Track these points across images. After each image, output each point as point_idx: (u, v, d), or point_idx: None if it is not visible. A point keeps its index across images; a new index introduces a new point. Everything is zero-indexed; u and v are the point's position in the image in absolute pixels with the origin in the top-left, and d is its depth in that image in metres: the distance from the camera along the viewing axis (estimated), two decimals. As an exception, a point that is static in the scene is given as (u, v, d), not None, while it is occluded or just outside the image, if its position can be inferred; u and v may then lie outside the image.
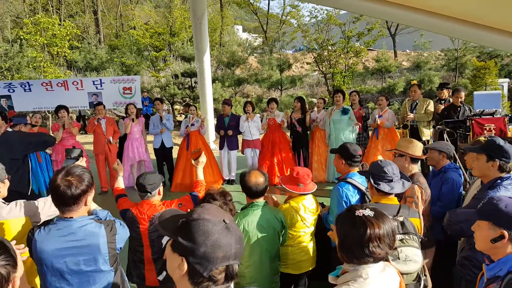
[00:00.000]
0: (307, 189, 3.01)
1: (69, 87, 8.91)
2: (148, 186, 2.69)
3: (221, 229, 1.10)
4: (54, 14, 24.15)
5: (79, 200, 1.90)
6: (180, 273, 1.10)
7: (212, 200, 2.34)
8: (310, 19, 18.75)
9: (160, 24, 24.92)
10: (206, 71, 10.52)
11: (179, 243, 1.11)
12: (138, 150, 7.30)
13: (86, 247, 1.93)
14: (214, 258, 1.07)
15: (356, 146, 3.18)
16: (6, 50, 17.86)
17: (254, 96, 19.25)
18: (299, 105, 7.38)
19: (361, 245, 1.50)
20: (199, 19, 9.66)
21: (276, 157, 7.35)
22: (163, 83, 18.55)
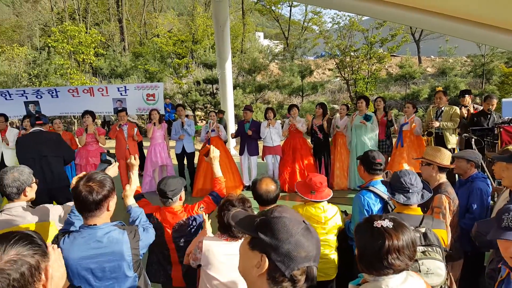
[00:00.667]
0: (321, 197, 2.96)
1: (94, 93, 9.10)
2: (169, 192, 2.69)
3: (303, 228, 1.08)
4: (80, 22, 24.86)
5: (101, 205, 1.92)
6: (258, 272, 1.07)
7: (231, 206, 2.32)
8: (333, 25, 18.69)
9: (183, 31, 25.34)
10: (228, 77, 10.56)
11: (260, 240, 1.08)
12: (160, 155, 7.39)
13: (110, 254, 1.95)
14: (297, 257, 1.04)
15: (376, 153, 3.11)
16: (34, 58, 18.48)
17: (275, 102, 19.23)
18: (321, 111, 7.32)
19: (380, 257, 1.46)
20: (221, 26, 9.73)
21: (297, 163, 7.29)
22: (185, 90, 18.78)
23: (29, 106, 8.85)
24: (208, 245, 2.29)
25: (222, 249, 2.27)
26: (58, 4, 29.88)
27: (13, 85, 17.13)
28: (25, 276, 1.09)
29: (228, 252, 2.24)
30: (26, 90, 9.10)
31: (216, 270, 2.24)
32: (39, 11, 30.40)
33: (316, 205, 3.00)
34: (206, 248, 2.28)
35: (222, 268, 2.23)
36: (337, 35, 18.05)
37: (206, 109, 18.27)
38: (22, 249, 1.11)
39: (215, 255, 2.25)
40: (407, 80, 17.61)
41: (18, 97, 8.79)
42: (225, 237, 2.31)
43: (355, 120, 7.00)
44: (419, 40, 22.33)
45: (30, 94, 8.88)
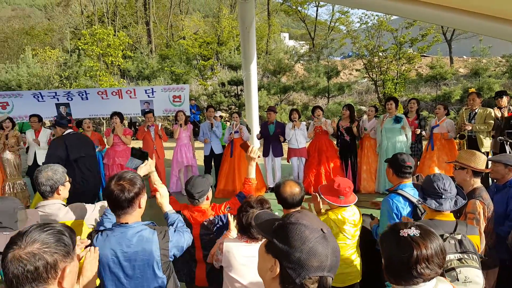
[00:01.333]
0: (348, 201, 2.93)
1: (123, 95, 9.29)
2: (196, 194, 2.72)
3: (319, 237, 1.06)
4: (109, 25, 25.50)
5: (132, 203, 1.99)
6: (271, 275, 1.09)
7: (250, 208, 2.31)
8: (360, 25, 18.34)
9: (208, 33, 25.59)
10: (253, 79, 10.52)
11: (274, 245, 1.09)
12: (186, 156, 7.45)
13: (141, 252, 2.00)
14: (308, 266, 1.03)
15: (406, 156, 3.03)
16: (65, 60, 19.05)
17: (300, 103, 19.06)
18: (348, 113, 7.15)
19: (408, 268, 1.40)
20: (247, 27, 9.69)
21: (323, 166, 7.16)
22: (210, 91, 18.92)
23: (60, 108, 9.08)
24: (229, 246, 2.29)
25: (242, 251, 2.26)
26: (88, 8, 30.82)
27: (45, 87, 17.70)
28: (39, 271, 1.15)
29: (248, 254, 2.23)
30: (57, 92, 9.36)
31: (238, 272, 2.24)
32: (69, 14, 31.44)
33: (345, 209, 2.96)
34: (227, 249, 2.28)
35: (243, 270, 2.23)
36: (365, 35, 17.72)
37: (230, 110, 18.33)
38: (46, 245, 1.18)
39: (235, 257, 2.25)
40: (438, 81, 17.09)
41: (50, 99, 9.05)
42: (245, 238, 2.30)
43: (385, 123, 6.79)
44: (451, 40, 21.65)
45: (61, 96, 9.12)
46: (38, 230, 1.20)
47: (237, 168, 7.23)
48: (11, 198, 2.07)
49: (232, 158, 7.30)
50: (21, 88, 17.46)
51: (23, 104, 8.82)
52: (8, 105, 8.86)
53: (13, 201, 2.04)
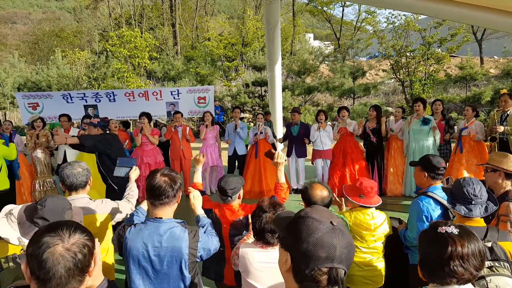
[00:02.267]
0: (370, 202, 2.88)
1: (149, 97, 9.45)
2: (229, 190, 2.74)
3: (327, 229, 1.06)
4: (136, 27, 26.00)
5: (174, 196, 2.10)
6: (285, 268, 1.12)
7: (262, 212, 2.29)
8: (387, 25, 18.03)
9: (233, 35, 25.70)
10: (277, 80, 10.51)
11: (285, 238, 1.14)
12: (211, 156, 7.49)
13: (170, 248, 2.04)
14: (316, 256, 1.03)
15: (439, 157, 2.99)
16: (94, 61, 19.53)
17: (324, 104, 18.91)
18: (375, 114, 7.01)
19: (442, 264, 1.40)
20: (272, 28, 9.68)
21: (347, 168, 7.05)
22: (234, 92, 19.01)
23: (88, 109, 9.30)
24: (244, 252, 2.28)
25: (258, 256, 2.24)
26: (115, 10, 31.51)
27: (74, 87, 18.22)
28: (86, 258, 1.20)
29: (264, 260, 2.21)
30: (86, 93, 9.60)
31: (255, 278, 2.22)
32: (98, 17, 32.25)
33: (365, 211, 2.91)
34: (242, 255, 2.27)
35: (260, 276, 2.21)
36: (391, 35, 17.43)
37: (254, 111, 18.36)
38: (81, 236, 1.22)
39: (251, 263, 2.23)
40: (468, 82, 16.62)
41: (78, 100, 9.28)
42: (260, 244, 2.28)
43: (413, 124, 6.64)
44: (482, 39, 20.99)
45: (90, 97, 9.34)
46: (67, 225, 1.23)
47: (263, 168, 7.22)
48: (62, 198, 2.11)
49: (257, 159, 7.29)
50: (51, 88, 18.02)
51: (53, 105, 9.09)
52: (38, 105, 9.15)
53: (63, 200, 2.07)
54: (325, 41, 32.98)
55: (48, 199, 1.99)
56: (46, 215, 1.93)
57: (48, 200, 1.98)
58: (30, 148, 6.69)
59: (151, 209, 2.13)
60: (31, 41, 35.50)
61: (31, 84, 18.70)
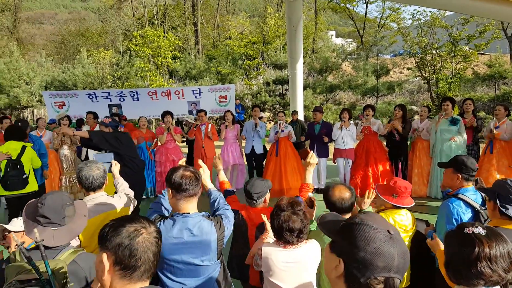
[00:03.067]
0: (402, 203, 2.83)
1: (171, 96, 9.56)
2: (255, 194, 2.76)
3: (385, 238, 1.03)
4: (159, 27, 26.27)
5: (198, 191, 2.16)
6: (336, 274, 1.09)
7: (280, 211, 2.26)
8: (412, 22, 17.63)
9: (254, 33, 25.68)
10: (298, 78, 10.43)
11: (338, 244, 1.11)
12: (232, 155, 7.50)
13: (199, 242, 2.10)
14: (373, 266, 1.01)
15: (472, 158, 2.89)
16: (118, 61, 19.86)
17: (346, 103, 18.65)
18: (401, 113, 6.81)
19: (468, 265, 1.36)
20: (294, 26, 9.61)
21: (370, 167, 6.88)
22: (255, 91, 18.98)
23: (112, 108, 9.45)
24: (267, 252, 2.27)
25: (280, 256, 2.24)
26: (138, 10, 31.96)
27: (99, 86, 18.56)
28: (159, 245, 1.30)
29: (286, 260, 2.21)
30: (110, 91, 9.75)
31: (279, 278, 2.21)
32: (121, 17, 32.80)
33: (397, 212, 2.87)
34: (265, 255, 2.26)
35: (283, 276, 2.21)
36: (417, 32, 17.03)
37: (275, 109, 18.28)
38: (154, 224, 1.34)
39: (274, 263, 2.23)
40: (497, 80, 16.07)
41: (103, 99, 9.45)
42: (282, 243, 2.27)
43: (441, 124, 6.42)
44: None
45: (114, 96, 9.50)
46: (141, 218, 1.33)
47: (283, 167, 7.14)
48: (61, 194, 2.08)
49: (277, 158, 7.22)
50: (76, 87, 18.42)
51: (79, 104, 9.27)
52: (64, 104, 9.34)
53: (62, 197, 2.04)
54: (347, 38, 32.53)
55: (48, 197, 1.98)
56: (46, 212, 1.93)
57: (48, 198, 1.97)
58: (56, 146, 6.83)
59: (176, 204, 2.17)
60: (57, 40, 36.41)
61: (58, 82, 19.16)
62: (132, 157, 5.01)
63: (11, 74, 19.16)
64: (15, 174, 4.99)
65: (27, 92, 19.11)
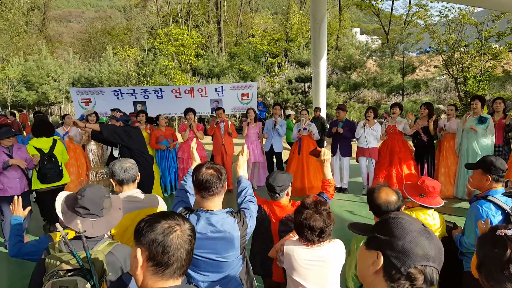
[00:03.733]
0: (430, 203, 2.79)
1: (194, 94, 9.63)
2: (277, 187, 2.75)
3: (420, 229, 1.08)
4: (182, 25, 26.51)
5: (222, 188, 2.16)
6: (373, 269, 1.10)
7: (304, 209, 2.27)
8: (440, 18, 17.14)
9: (277, 30, 25.59)
10: (322, 75, 10.34)
11: (376, 238, 1.12)
12: (254, 152, 7.50)
13: (222, 239, 2.12)
14: (413, 254, 1.03)
15: (501, 159, 2.82)
16: (142, 58, 20.14)
17: (371, 101, 18.35)
18: (427, 111, 6.66)
19: (500, 267, 1.29)
20: (318, 23, 9.53)
21: (394, 167, 6.76)
22: (277, 88, 18.91)
23: (137, 106, 9.59)
24: (290, 249, 2.28)
25: (303, 254, 2.24)
26: (163, 8, 32.34)
27: (124, 84, 18.89)
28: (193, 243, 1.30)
29: (309, 258, 2.22)
30: (135, 89, 9.90)
31: (301, 276, 2.22)
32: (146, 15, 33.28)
33: (425, 212, 2.81)
34: (287, 252, 2.28)
35: (306, 274, 2.21)
36: (444, 29, 16.55)
37: (297, 107, 18.17)
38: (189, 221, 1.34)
39: (296, 260, 2.23)
40: (529, 79, 15.48)
41: (128, 96, 9.60)
42: (304, 241, 2.27)
43: (468, 123, 6.23)
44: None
45: (139, 94, 9.64)
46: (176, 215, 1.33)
47: (306, 165, 7.10)
48: (99, 187, 2.18)
49: (300, 156, 7.18)
50: (102, 84, 18.81)
51: (104, 101, 9.45)
52: (91, 101, 9.54)
53: (100, 190, 2.14)
54: (372, 35, 32.03)
55: (87, 189, 2.07)
56: (86, 204, 2.01)
57: (87, 190, 2.06)
58: (84, 141, 6.99)
59: (200, 201, 2.19)
60: (84, 38, 37.27)
61: (84, 80, 19.61)
62: (142, 152, 5.00)
63: (39, 71, 19.77)
64: (51, 167, 5.15)
65: (55, 89, 19.68)
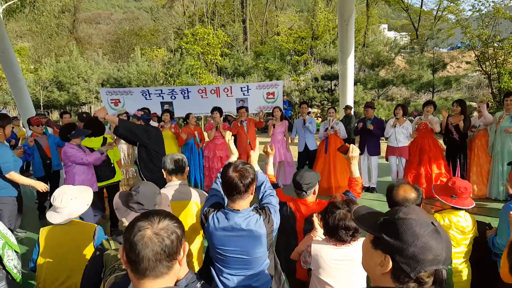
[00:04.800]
0: (462, 204, 2.73)
1: (220, 94, 9.69)
2: (304, 185, 2.74)
3: (431, 231, 1.05)
4: (208, 24, 26.74)
5: (248, 189, 2.13)
6: (382, 270, 1.09)
7: (336, 209, 2.24)
8: (473, 13, 16.56)
9: (303, 28, 25.41)
10: (349, 73, 10.20)
11: (383, 240, 1.09)
12: (279, 151, 7.46)
13: (248, 237, 2.13)
14: (423, 260, 1.03)
15: None
16: (169, 59, 20.46)
17: (400, 99, 17.96)
18: (459, 109, 6.44)
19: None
20: (346, 20, 9.40)
21: (423, 167, 6.57)
22: (303, 87, 18.79)
23: (164, 106, 9.71)
24: (317, 249, 2.26)
25: (331, 254, 2.23)
26: (189, 8, 32.69)
27: (152, 84, 19.24)
28: (173, 244, 1.22)
29: (337, 258, 2.21)
30: (163, 89, 10.03)
31: (328, 276, 2.21)
32: (173, 15, 33.74)
33: (456, 213, 2.77)
34: (315, 252, 2.26)
35: (334, 274, 2.20)
36: (477, 24, 15.98)
37: (323, 106, 17.98)
38: (170, 222, 1.26)
39: (324, 260, 2.22)
40: None
41: (156, 97, 9.75)
42: (333, 241, 2.25)
43: (503, 121, 5.99)
44: None
45: (166, 94, 9.76)
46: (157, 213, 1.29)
47: (332, 164, 7.01)
48: (151, 184, 2.33)
49: (326, 155, 7.09)
50: (131, 84, 19.22)
51: (133, 101, 9.61)
52: (120, 102, 9.73)
53: (153, 187, 2.30)
54: (400, 32, 31.31)
55: (141, 186, 2.23)
56: (140, 199, 2.17)
57: (141, 187, 2.22)
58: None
59: (228, 202, 2.21)
60: (113, 40, 38.16)
61: (113, 80, 20.11)
62: (159, 153, 4.94)
63: (70, 72, 20.43)
64: (105, 164, 5.25)
65: (85, 89, 20.28)
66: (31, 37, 34.20)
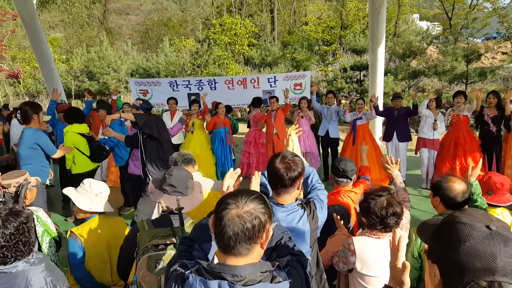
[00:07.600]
0: (499, 200, 2.61)
1: (247, 85, 9.62)
2: (350, 172, 2.80)
3: (482, 234, 0.90)
4: (236, 14, 26.62)
5: (295, 182, 2.04)
6: (435, 282, 1.00)
7: (377, 197, 2.14)
8: (510, 1, 15.77)
9: (332, 17, 24.94)
10: (379, 63, 9.96)
11: (431, 249, 1.04)
12: (304, 142, 7.40)
13: (291, 230, 2.04)
14: (470, 268, 0.88)
15: None
16: (197, 49, 20.51)
17: (431, 90, 17.36)
18: (496, 100, 6.17)
19: None
20: (377, 9, 9.16)
21: (458, 160, 6.35)
22: (331, 77, 18.47)
23: (191, 97, 9.76)
24: (362, 245, 2.17)
25: (376, 247, 2.14)
26: (217, -2, 32.62)
27: (179, 74, 19.37)
28: (254, 229, 1.25)
29: (379, 250, 2.14)
30: (190, 80, 10.07)
31: (371, 269, 2.16)
32: (201, 6, 33.77)
33: (493, 210, 2.63)
34: (359, 247, 2.16)
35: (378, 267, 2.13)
36: (515, 12, 15.23)
37: (351, 97, 17.64)
38: (258, 206, 1.29)
39: (370, 256, 2.14)
40: None
41: (183, 88, 9.80)
42: (375, 233, 2.17)
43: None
44: None
45: (193, 85, 9.80)
46: (247, 194, 1.32)
47: (360, 156, 6.85)
48: (183, 169, 2.43)
49: (354, 146, 6.96)
50: (159, 75, 19.42)
51: (161, 92, 9.71)
52: (148, 92, 9.84)
53: (185, 171, 2.38)
54: (432, 21, 30.22)
55: (174, 170, 2.31)
56: (173, 182, 2.23)
57: (174, 171, 2.30)
58: None
59: (273, 195, 2.16)
60: (142, 30, 38.56)
61: (142, 70, 20.36)
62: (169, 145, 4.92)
63: (100, 62, 20.85)
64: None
65: (115, 79, 20.65)
66: (63, 28, 35.03)
